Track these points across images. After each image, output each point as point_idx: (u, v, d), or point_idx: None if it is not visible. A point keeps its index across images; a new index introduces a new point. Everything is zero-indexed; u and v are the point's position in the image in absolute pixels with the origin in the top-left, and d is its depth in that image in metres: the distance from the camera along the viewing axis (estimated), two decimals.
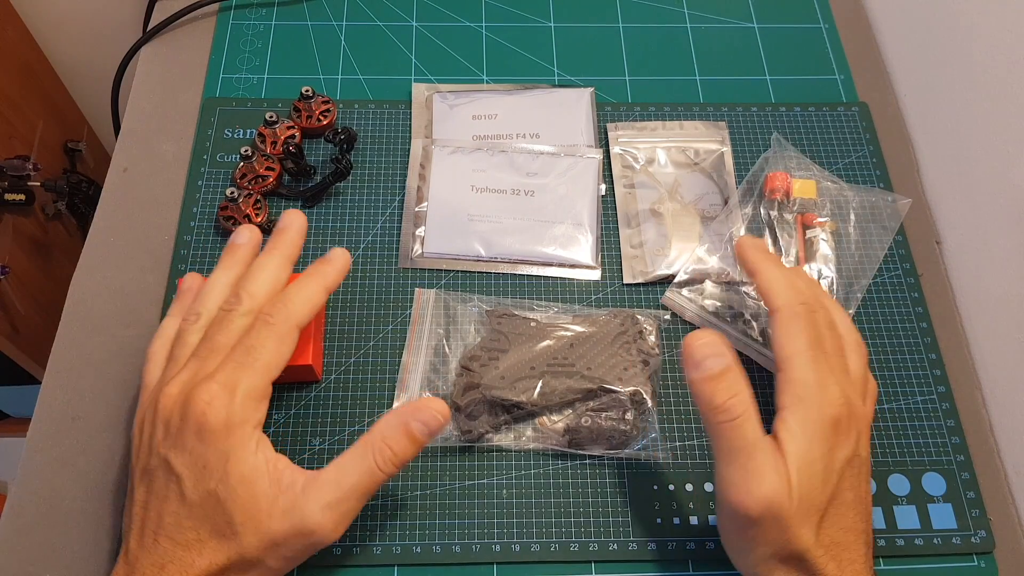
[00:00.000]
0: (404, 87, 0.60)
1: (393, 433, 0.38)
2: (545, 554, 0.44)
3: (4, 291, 0.77)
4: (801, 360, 0.38)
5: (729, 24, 0.65)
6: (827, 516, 0.37)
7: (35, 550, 0.43)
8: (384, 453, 0.37)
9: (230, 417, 0.36)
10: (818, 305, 0.41)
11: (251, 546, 0.36)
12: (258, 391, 0.38)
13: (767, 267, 0.43)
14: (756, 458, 0.36)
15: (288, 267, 0.42)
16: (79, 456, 0.46)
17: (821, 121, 0.59)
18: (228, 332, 0.39)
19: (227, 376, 0.37)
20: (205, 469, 0.36)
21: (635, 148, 0.57)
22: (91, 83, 0.90)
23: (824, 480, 0.37)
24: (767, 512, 0.36)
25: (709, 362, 0.37)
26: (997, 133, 0.51)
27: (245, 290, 0.40)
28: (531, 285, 0.52)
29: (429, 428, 0.38)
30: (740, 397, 0.37)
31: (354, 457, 0.37)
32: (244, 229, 0.44)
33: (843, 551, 0.37)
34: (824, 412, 0.37)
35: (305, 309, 0.40)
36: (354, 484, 0.37)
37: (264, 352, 0.38)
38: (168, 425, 0.37)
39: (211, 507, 0.36)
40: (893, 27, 0.63)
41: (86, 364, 0.48)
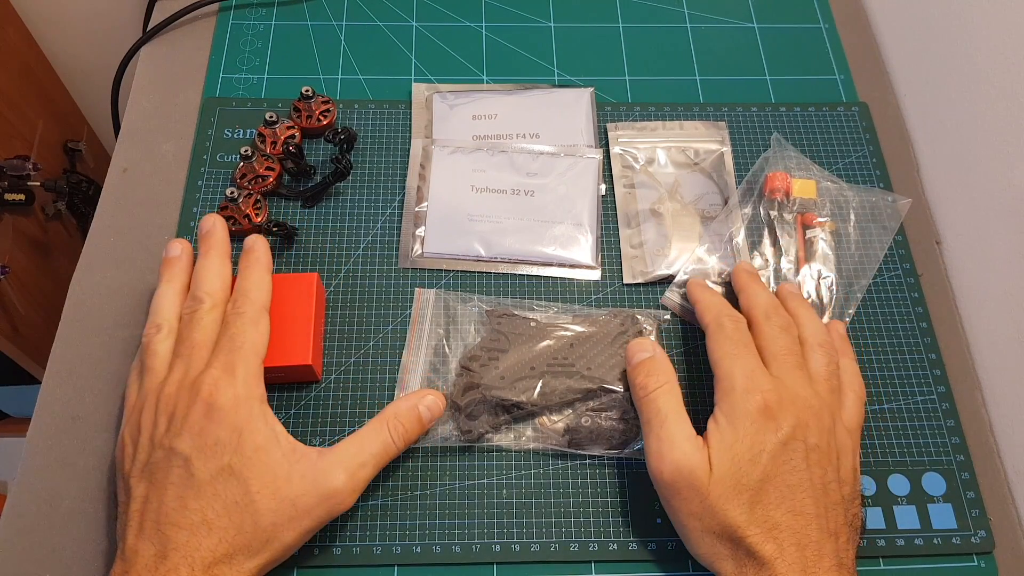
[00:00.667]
0: (404, 87, 0.60)
1: (405, 413, 0.43)
2: (545, 554, 0.44)
3: (4, 291, 0.77)
4: (726, 360, 0.43)
5: (729, 24, 0.65)
6: (761, 496, 0.39)
7: (35, 550, 0.43)
8: (398, 428, 0.42)
9: (237, 394, 0.39)
10: (772, 312, 0.45)
11: (268, 511, 0.37)
12: (254, 369, 0.41)
13: (702, 295, 0.48)
14: (668, 426, 0.41)
15: (227, 262, 0.46)
16: (79, 456, 0.46)
17: (821, 121, 0.59)
18: (203, 329, 0.42)
19: (223, 362, 0.41)
20: (217, 445, 0.38)
21: (635, 148, 0.57)
22: (91, 83, 0.90)
23: (751, 461, 0.39)
24: (678, 476, 0.39)
25: (638, 355, 0.44)
26: (997, 133, 0.51)
27: (202, 290, 0.44)
28: (531, 285, 0.52)
29: (432, 412, 0.44)
30: (656, 376, 0.43)
31: (372, 431, 0.42)
32: (176, 242, 0.47)
33: (785, 533, 0.38)
34: (748, 399, 0.40)
35: (262, 294, 0.44)
36: (373, 451, 0.41)
37: (247, 337, 0.42)
38: (173, 416, 0.39)
39: (223, 482, 0.37)
40: (893, 27, 0.63)
41: (86, 364, 0.48)
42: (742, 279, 0.49)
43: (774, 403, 0.40)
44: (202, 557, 0.36)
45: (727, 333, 0.44)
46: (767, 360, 0.43)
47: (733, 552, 0.39)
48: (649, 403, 0.42)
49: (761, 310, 0.45)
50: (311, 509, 0.38)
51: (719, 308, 0.46)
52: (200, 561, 0.36)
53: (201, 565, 0.35)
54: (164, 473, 0.38)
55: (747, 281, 0.48)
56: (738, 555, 0.38)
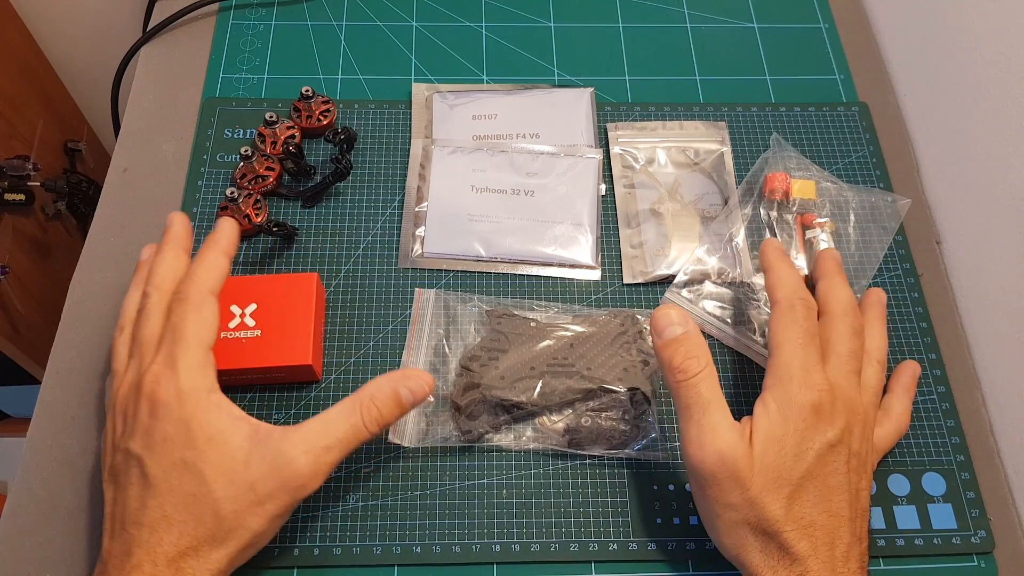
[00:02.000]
0: (404, 87, 0.60)
1: (382, 395, 0.40)
2: (545, 554, 0.44)
3: (4, 291, 0.77)
4: (789, 346, 0.41)
5: (729, 24, 0.65)
6: (801, 493, 0.38)
7: (35, 550, 0.43)
8: (371, 412, 0.39)
9: (179, 388, 0.38)
10: (848, 311, 0.43)
11: (227, 499, 0.36)
12: (198, 359, 0.39)
13: (780, 266, 0.45)
14: (711, 414, 0.39)
15: (183, 256, 0.43)
16: (79, 456, 0.46)
17: (821, 121, 0.59)
18: (149, 324, 0.40)
19: (164, 355, 0.39)
20: (165, 442, 0.37)
21: (635, 148, 0.57)
22: (91, 83, 0.90)
23: (796, 456, 0.38)
24: (721, 466, 0.38)
25: (669, 329, 0.40)
26: (997, 133, 0.51)
27: (151, 284, 0.42)
28: (531, 285, 0.52)
29: (415, 396, 0.40)
30: (697, 359, 0.39)
31: (342, 411, 0.39)
32: (147, 248, 0.46)
33: (819, 531, 0.38)
34: (804, 394, 0.39)
35: (212, 276, 0.41)
36: (340, 435, 0.38)
37: (188, 324, 0.39)
38: (126, 418, 0.39)
39: (177, 477, 0.37)
40: (893, 27, 0.63)
41: (86, 364, 0.48)
42: (830, 266, 0.46)
43: (828, 403, 0.39)
44: (164, 552, 0.36)
45: (797, 318, 0.42)
46: (827, 356, 0.42)
47: (764, 545, 0.38)
48: (689, 388, 0.39)
49: (841, 305, 0.44)
50: (272, 493, 0.37)
51: (794, 287, 0.43)
52: (163, 555, 0.36)
53: (164, 560, 0.35)
54: (125, 475, 0.38)
55: (834, 271, 0.46)
56: (769, 548, 0.38)
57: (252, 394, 0.48)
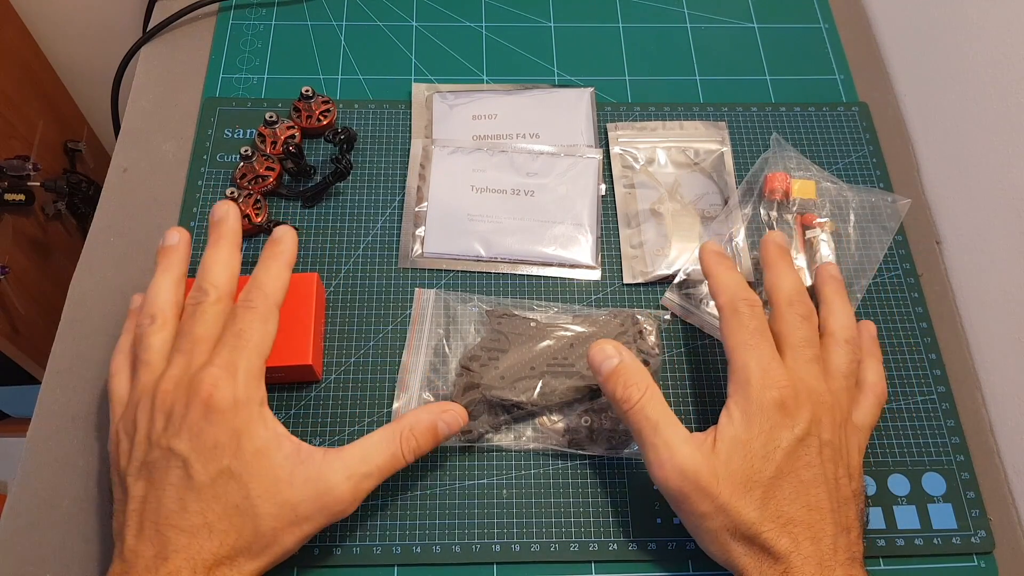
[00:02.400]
0: (404, 87, 0.60)
1: (421, 427, 0.41)
2: (545, 554, 0.44)
3: (4, 291, 0.77)
4: (741, 349, 0.41)
5: (729, 24, 0.65)
6: (774, 492, 0.38)
7: (35, 550, 0.43)
8: (410, 443, 0.40)
9: (236, 396, 0.38)
10: (795, 299, 0.43)
11: (268, 516, 0.37)
12: (256, 370, 0.39)
13: (719, 270, 0.45)
14: (661, 433, 0.39)
15: (237, 253, 0.43)
16: (79, 456, 0.46)
17: (821, 121, 0.59)
18: (205, 323, 0.40)
19: (225, 360, 0.38)
20: (216, 448, 0.37)
21: (635, 148, 0.57)
22: (91, 83, 0.90)
23: (764, 457, 0.38)
24: (683, 480, 0.38)
25: (605, 363, 0.41)
26: (997, 133, 0.51)
27: (208, 282, 0.41)
28: (531, 285, 0.52)
29: (451, 429, 0.42)
30: (636, 386, 0.40)
31: (383, 439, 0.40)
32: (174, 230, 0.44)
33: (800, 528, 0.37)
34: (765, 394, 0.39)
35: (278, 287, 0.42)
36: (379, 463, 0.40)
37: (254, 334, 0.39)
38: (171, 415, 0.38)
39: (223, 485, 0.36)
40: (893, 27, 0.63)
41: (86, 364, 0.48)
42: (772, 254, 0.46)
43: (790, 398, 0.39)
44: (204, 559, 0.35)
45: (743, 320, 0.42)
46: (783, 349, 0.42)
47: (748, 549, 0.38)
48: (636, 414, 0.40)
49: (784, 294, 0.43)
50: (312, 515, 0.38)
51: (734, 290, 0.43)
52: (202, 563, 0.35)
53: (203, 567, 0.35)
54: (163, 473, 0.37)
55: (776, 258, 0.46)
56: (753, 551, 0.38)
57: None
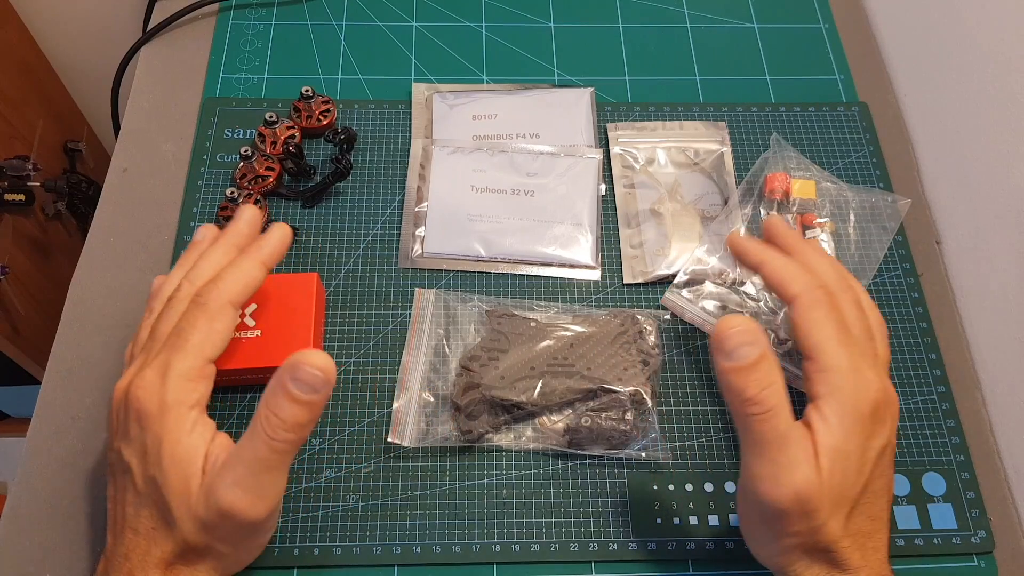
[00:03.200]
0: (404, 87, 0.60)
1: (275, 399, 0.35)
2: (545, 554, 0.44)
3: (4, 291, 0.77)
4: (831, 347, 0.37)
5: (729, 24, 0.65)
6: (858, 506, 0.36)
7: (35, 550, 0.43)
8: (271, 421, 0.35)
9: (163, 400, 0.36)
10: (845, 286, 0.40)
11: (189, 532, 0.35)
12: (192, 371, 0.37)
13: (771, 257, 0.41)
14: (788, 451, 0.35)
15: (234, 253, 0.41)
16: (79, 456, 0.46)
17: (821, 121, 0.59)
18: (168, 321, 0.39)
19: (160, 361, 0.37)
20: (146, 455, 0.36)
21: (635, 148, 0.57)
22: (91, 83, 0.90)
23: (859, 471, 0.35)
24: (796, 505, 0.35)
25: (742, 351, 0.35)
26: (997, 133, 0.51)
27: (187, 279, 0.40)
28: (531, 285, 0.52)
29: (310, 385, 0.35)
30: (774, 388, 0.35)
31: (248, 433, 0.36)
32: (204, 228, 0.43)
33: (868, 539, 0.36)
34: (861, 401, 0.36)
35: (238, 286, 0.39)
36: (254, 458, 0.35)
37: (194, 332, 0.37)
38: (118, 418, 0.38)
39: (155, 493, 0.36)
40: (893, 27, 0.63)
41: (86, 364, 0.48)
42: (792, 236, 0.42)
43: (882, 404, 0.36)
44: (155, 561, 0.35)
45: (827, 311, 0.37)
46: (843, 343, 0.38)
47: (815, 561, 0.36)
48: (766, 423, 0.35)
49: (834, 281, 0.39)
50: (218, 525, 0.35)
51: (807, 278, 0.39)
52: (153, 564, 0.35)
53: (156, 567, 0.35)
54: (121, 477, 0.37)
55: (796, 241, 0.42)
56: (820, 563, 0.36)
57: (252, 394, 0.48)
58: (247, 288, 0.39)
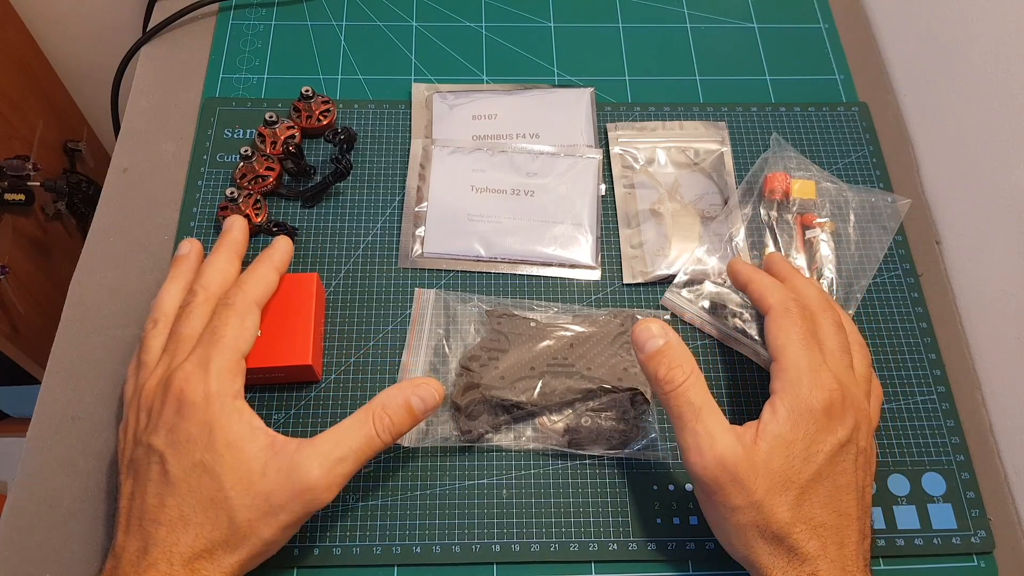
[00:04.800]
0: (404, 87, 0.60)
1: (393, 404, 0.40)
2: (545, 554, 0.44)
3: (4, 291, 0.77)
4: (793, 348, 0.40)
5: (729, 24, 0.65)
6: (810, 494, 0.38)
7: (35, 550, 0.43)
8: (383, 421, 0.39)
9: (208, 390, 0.39)
10: (826, 307, 0.44)
11: (242, 507, 0.37)
12: (231, 364, 0.40)
13: (758, 276, 0.45)
14: (704, 420, 0.39)
15: (236, 261, 0.46)
16: (79, 456, 0.46)
17: (821, 121, 0.59)
18: (190, 323, 0.42)
19: (199, 356, 0.40)
20: (189, 442, 0.38)
21: (635, 148, 0.57)
22: (91, 83, 0.90)
23: (806, 459, 0.38)
24: (722, 471, 0.38)
25: (651, 342, 0.41)
26: (997, 133, 0.51)
27: (199, 284, 0.44)
28: (531, 285, 0.52)
29: (426, 404, 0.41)
30: (681, 368, 0.39)
31: (355, 423, 0.40)
32: (185, 242, 0.47)
33: (829, 532, 0.37)
34: (814, 395, 0.39)
35: (259, 288, 0.44)
36: (353, 446, 0.39)
37: (228, 329, 0.41)
38: (150, 411, 0.39)
39: (196, 478, 0.37)
40: (893, 27, 0.63)
41: (86, 364, 0.48)
42: (785, 267, 0.47)
43: (838, 403, 0.39)
44: (181, 552, 0.36)
45: (795, 320, 0.41)
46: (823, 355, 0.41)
47: (774, 548, 0.38)
48: (678, 397, 0.39)
49: (816, 302, 0.44)
50: (285, 504, 0.37)
51: (784, 292, 0.43)
52: (179, 556, 0.36)
53: (180, 560, 0.36)
54: (145, 470, 0.38)
55: (791, 270, 0.46)
56: (777, 551, 0.38)
57: (252, 394, 0.48)
58: (268, 290, 0.44)
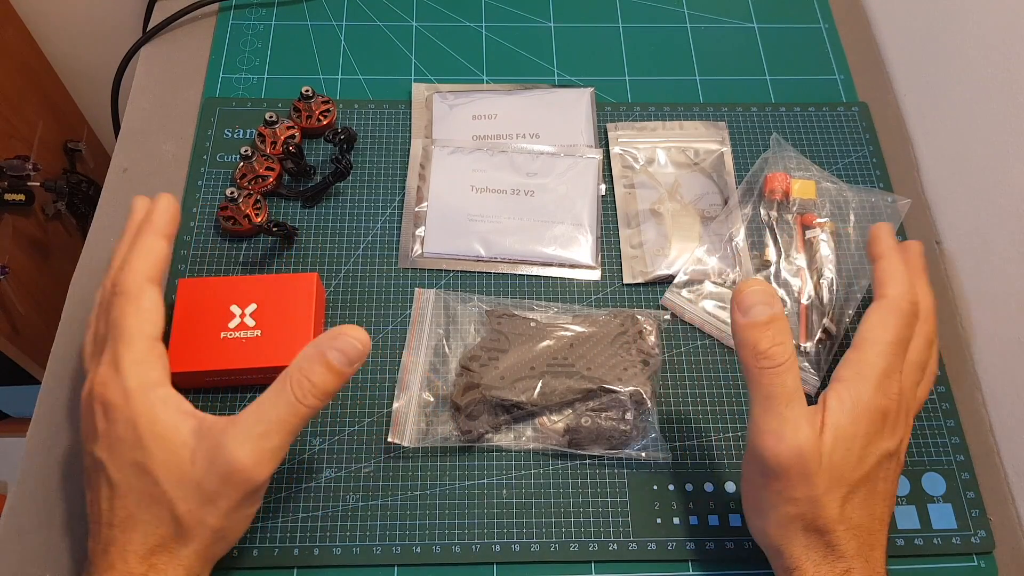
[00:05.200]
0: (404, 87, 0.60)
1: (309, 364, 0.37)
2: (545, 554, 0.44)
3: (4, 291, 0.77)
4: (881, 347, 0.39)
5: (729, 24, 0.65)
6: (855, 495, 0.38)
7: (35, 550, 0.43)
8: (303, 385, 0.36)
9: (125, 387, 0.37)
10: (930, 318, 0.43)
11: (179, 499, 0.36)
12: (141, 354, 0.38)
13: (893, 257, 0.43)
14: (794, 407, 0.37)
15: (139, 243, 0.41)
16: (79, 456, 0.46)
17: (821, 121, 0.59)
18: (103, 321, 0.40)
19: (109, 356, 0.38)
20: (121, 442, 0.37)
21: (635, 148, 0.57)
22: (91, 83, 0.90)
23: (860, 459, 0.37)
24: (796, 462, 0.36)
25: (757, 309, 0.37)
26: (997, 133, 0.51)
27: (107, 278, 0.41)
28: (531, 285, 0.52)
29: (347, 356, 0.37)
30: (785, 346, 0.37)
31: (273, 392, 0.37)
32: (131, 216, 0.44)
33: (867, 535, 0.38)
34: (878, 398, 0.38)
35: (146, 263, 0.40)
36: (275, 418, 0.36)
37: (127, 319, 0.38)
38: (87, 421, 0.39)
39: (135, 478, 0.36)
40: (893, 27, 0.63)
41: None
42: (918, 264, 0.45)
43: (894, 413, 0.39)
44: (135, 550, 0.36)
45: (901, 322, 0.40)
46: None
47: (809, 541, 0.37)
48: (775, 377, 0.37)
49: (925, 312, 0.43)
50: (218, 489, 0.36)
51: (908, 287, 0.41)
52: (133, 553, 0.36)
53: (135, 557, 0.36)
54: (95, 478, 0.38)
55: (922, 269, 0.45)
56: (814, 544, 0.37)
57: (252, 394, 0.48)
58: (157, 261, 0.40)
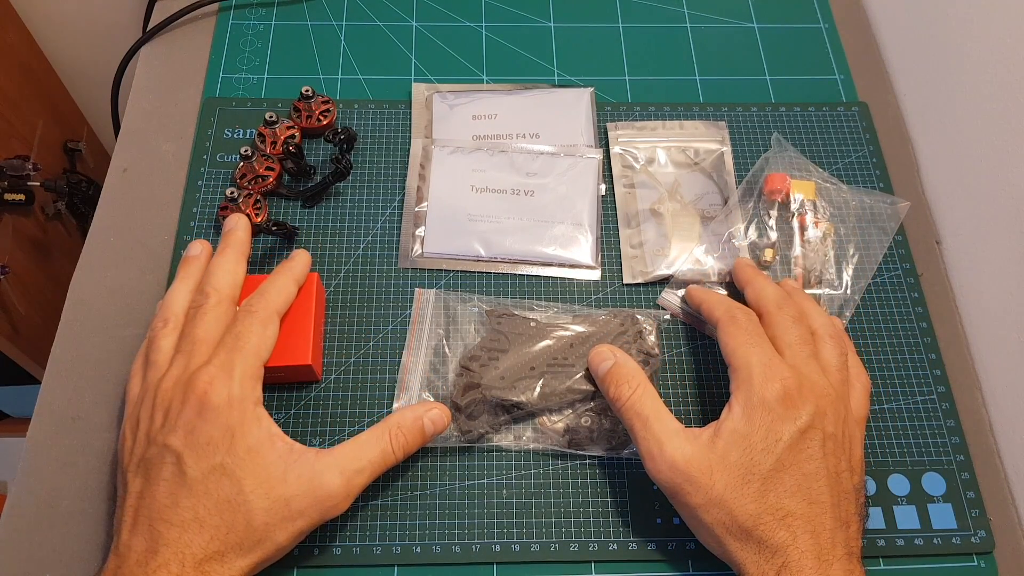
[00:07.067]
0: (404, 87, 0.60)
1: (408, 423, 0.42)
2: (545, 554, 0.44)
3: (4, 291, 0.77)
4: (742, 350, 0.42)
5: (729, 24, 0.65)
6: (774, 484, 0.38)
7: (35, 550, 0.43)
8: (399, 439, 0.42)
9: (231, 394, 0.39)
10: (784, 303, 0.45)
11: (261, 510, 0.37)
12: (253, 371, 0.41)
13: (707, 294, 0.48)
14: (651, 427, 0.41)
15: (242, 261, 0.46)
16: (79, 456, 0.46)
17: (821, 121, 0.59)
18: (205, 325, 0.42)
19: (222, 360, 0.40)
20: (209, 445, 0.38)
21: (635, 148, 0.57)
22: (91, 83, 0.90)
23: (765, 450, 0.39)
24: (675, 473, 0.39)
25: (601, 366, 0.44)
26: (997, 133, 0.51)
27: (210, 286, 0.44)
28: (531, 285, 0.52)
29: (436, 426, 0.43)
30: (628, 384, 0.42)
31: (372, 437, 0.41)
32: (196, 243, 0.47)
33: (799, 521, 0.38)
34: (768, 387, 0.40)
35: (280, 298, 0.44)
36: (370, 459, 0.41)
37: (252, 336, 0.42)
38: (168, 412, 0.39)
39: (215, 481, 0.37)
40: (893, 27, 0.63)
41: (86, 364, 0.48)
42: (747, 273, 0.49)
43: (794, 390, 0.40)
44: (193, 554, 0.36)
45: (740, 324, 0.43)
46: (781, 350, 0.42)
47: (744, 543, 0.38)
48: (628, 410, 0.42)
49: (772, 300, 0.45)
50: (304, 510, 0.38)
51: (728, 302, 0.45)
52: (191, 557, 0.36)
53: (192, 562, 0.36)
54: (157, 469, 0.38)
55: (752, 274, 0.48)
56: (749, 545, 0.38)
57: None
58: (288, 300, 0.45)
